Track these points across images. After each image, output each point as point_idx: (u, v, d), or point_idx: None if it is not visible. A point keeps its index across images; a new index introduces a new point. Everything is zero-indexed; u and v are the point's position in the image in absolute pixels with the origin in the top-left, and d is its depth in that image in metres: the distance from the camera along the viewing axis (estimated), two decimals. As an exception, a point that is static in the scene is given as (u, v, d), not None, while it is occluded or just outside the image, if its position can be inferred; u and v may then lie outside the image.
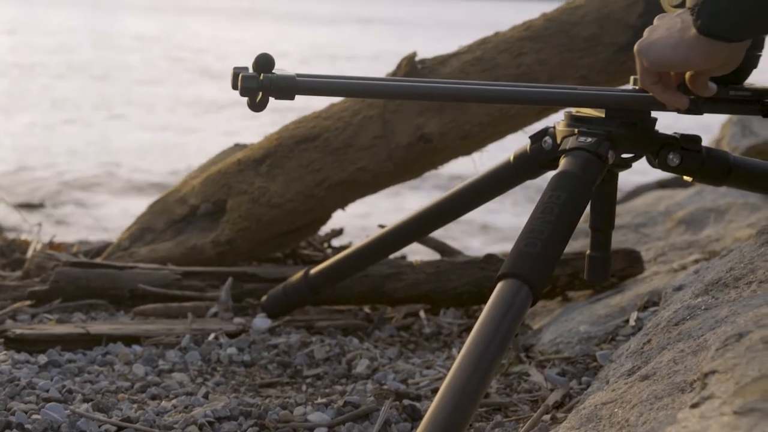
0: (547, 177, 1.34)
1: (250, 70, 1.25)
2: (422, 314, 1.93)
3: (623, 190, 3.31)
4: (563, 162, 1.29)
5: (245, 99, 1.25)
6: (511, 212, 5.14)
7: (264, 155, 2.04)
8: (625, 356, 1.36)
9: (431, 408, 1.01)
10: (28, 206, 4.93)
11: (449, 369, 1.06)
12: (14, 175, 5.74)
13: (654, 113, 1.36)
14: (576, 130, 1.34)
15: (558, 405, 1.45)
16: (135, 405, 1.46)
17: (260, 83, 1.23)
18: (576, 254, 1.89)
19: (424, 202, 1.65)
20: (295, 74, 1.25)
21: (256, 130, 6.23)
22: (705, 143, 1.41)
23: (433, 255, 2.14)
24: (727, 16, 1.13)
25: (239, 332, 1.78)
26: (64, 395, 1.48)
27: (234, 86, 1.25)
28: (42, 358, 1.63)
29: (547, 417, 1.40)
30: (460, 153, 2.02)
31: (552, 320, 1.83)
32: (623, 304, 1.76)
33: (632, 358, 1.31)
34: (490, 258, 1.94)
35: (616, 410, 1.17)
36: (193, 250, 2.04)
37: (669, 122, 1.41)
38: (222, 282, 1.92)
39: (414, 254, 2.23)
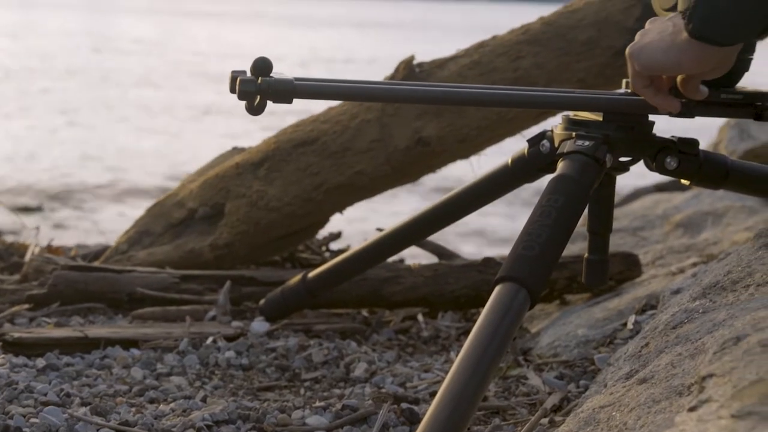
0: (545, 180, 1.34)
1: (248, 74, 1.25)
2: (420, 317, 1.93)
3: (621, 194, 3.31)
4: (561, 165, 1.30)
5: (243, 102, 1.25)
6: (505, 215, 5.14)
7: (262, 159, 2.04)
8: (623, 359, 1.36)
9: (429, 411, 1.01)
10: (26, 209, 4.93)
11: (447, 372, 1.06)
12: (13, 179, 5.74)
13: (651, 116, 1.36)
14: (574, 134, 1.34)
15: (556, 408, 1.45)
16: (133, 409, 1.46)
17: (258, 87, 1.23)
18: (574, 257, 1.89)
19: (421, 205, 1.65)
20: (293, 78, 1.25)
21: (255, 134, 6.23)
22: (703, 147, 1.41)
23: (432, 258, 2.14)
24: (719, 20, 1.13)
25: (237, 336, 1.77)
26: (62, 399, 1.48)
27: (232, 90, 1.25)
28: (40, 362, 1.63)
29: (545, 420, 1.40)
30: (458, 156, 2.02)
31: (550, 323, 1.83)
32: (621, 308, 1.76)
33: (630, 362, 1.31)
34: (488, 261, 1.94)
35: (614, 414, 1.17)
36: (191, 254, 2.04)
37: (667, 126, 1.41)
38: (220, 285, 1.92)
39: (412, 258, 2.23)
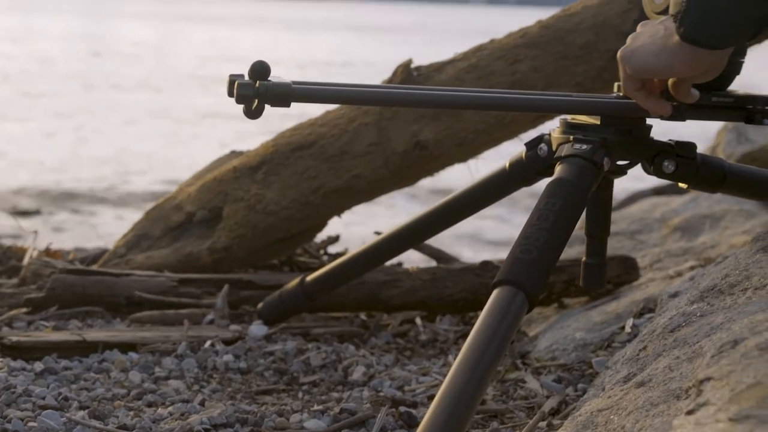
0: (542, 184, 1.34)
1: (246, 78, 1.25)
2: (418, 321, 1.93)
3: (619, 197, 3.31)
4: (559, 169, 1.30)
5: (241, 106, 1.25)
6: (496, 217, 5.14)
7: (260, 162, 2.04)
8: (621, 363, 1.36)
9: (427, 415, 1.01)
10: (24, 213, 4.93)
11: (445, 376, 1.06)
12: (11, 182, 5.74)
13: (649, 120, 1.37)
14: (571, 137, 1.35)
15: (554, 412, 1.45)
16: (131, 412, 1.46)
17: (256, 90, 1.23)
18: (572, 261, 1.89)
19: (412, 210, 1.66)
20: (291, 81, 1.25)
21: (253, 138, 6.23)
22: (700, 150, 1.41)
23: (430, 262, 2.14)
24: (710, 24, 1.13)
25: (235, 339, 1.77)
26: (61, 402, 1.48)
27: (230, 93, 1.25)
28: (38, 366, 1.62)
29: (543, 424, 1.41)
30: (456, 160, 2.02)
31: (548, 327, 1.83)
32: (619, 311, 1.76)
33: (628, 365, 1.31)
34: (486, 265, 1.94)
35: (612, 417, 1.17)
36: (190, 257, 2.04)
37: (665, 129, 1.42)
38: (218, 289, 1.92)
39: (411, 261, 2.23)
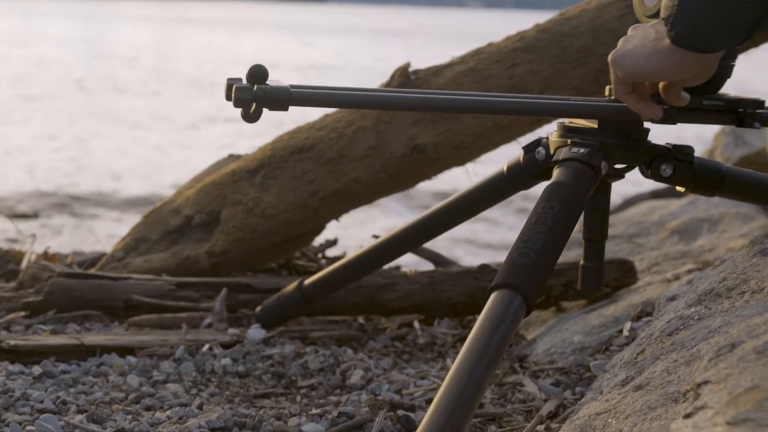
0: (540, 188, 1.34)
1: (244, 81, 1.24)
2: (416, 324, 1.93)
3: (617, 201, 3.31)
4: (556, 172, 1.30)
5: (239, 110, 1.25)
6: (490, 220, 5.14)
7: (258, 166, 2.04)
8: (619, 366, 1.36)
9: (425, 418, 1.01)
10: (22, 217, 4.93)
11: (443, 379, 1.06)
12: (9, 186, 5.74)
13: (647, 124, 1.37)
14: (569, 141, 1.35)
15: (552, 415, 1.45)
16: (129, 416, 1.46)
17: (254, 94, 1.23)
18: (570, 264, 1.89)
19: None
20: (289, 85, 1.25)
21: (251, 141, 6.23)
22: (698, 153, 1.41)
23: (428, 265, 2.14)
24: (701, 27, 1.13)
25: (234, 343, 1.77)
26: (59, 406, 1.48)
27: (228, 97, 1.25)
28: (36, 369, 1.62)
29: (542, 427, 1.41)
30: (454, 163, 2.02)
31: (546, 330, 1.83)
32: (617, 315, 1.76)
33: (626, 369, 1.31)
34: (484, 268, 1.94)
35: (610, 420, 1.17)
36: (188, 261, 2.04)
37: (662, 133, 1.42)
38: (216, 292, 1.92)
39: (408, 265, 2.23)
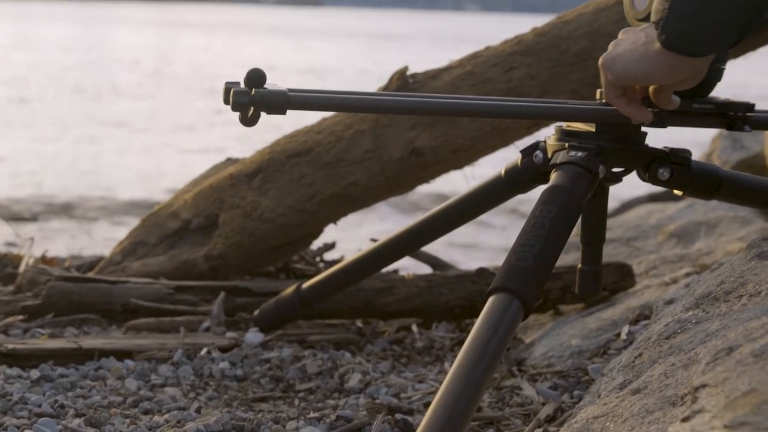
0: (537, 191, 1.34)
1: (242, 85, 1.24)
2: (414, 328, 1.93)
3: (614, 204, 3.31)
4: (554, 176, 1.30)
5: (237, 114, 1.25)
6: (486, 223, 5.14)
7: (256, 169, 2.04)
8: (617, 370, 1.36)
9: (423, 422, 1.01)
10: (21, 220, 4.92)
11: (441, 383, 1.06)
12: (7, 189, 5.73)
13: (643, 128, 1.37)
14: (566, 145, 1.35)
15: (550, 419, 1.45)
16: (127, 420, 1.46)
17: (252, 98, 1.23)
18: (567, 268, 1.89)
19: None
20: (287, 89, 1.25)
21: (250, 145, 6.23)
22: (695, 157, 1.41)
23: (426, 269, 2.14)
24: (691, 31, 1.13)
25: (231, 346, 1.77)
26: (57, 410, 1.48)
27: (226, 101, 1.25)
28: (34, 373, 1.62)
29: (539, 431, 1.41)
30: (452, 167, 2.02)
31: (544, 334, 1.83)
32: (615, 318, 1.76)
33: (624, 372, 1.31)
34: (482, 272, 1.94)
35: (608, 424, 1.17)
36: (186, 264, 2.04)
37: (658, 136, 1.42)
38: (214, 296, 1.92)
39: (406, 268, 2.23)
